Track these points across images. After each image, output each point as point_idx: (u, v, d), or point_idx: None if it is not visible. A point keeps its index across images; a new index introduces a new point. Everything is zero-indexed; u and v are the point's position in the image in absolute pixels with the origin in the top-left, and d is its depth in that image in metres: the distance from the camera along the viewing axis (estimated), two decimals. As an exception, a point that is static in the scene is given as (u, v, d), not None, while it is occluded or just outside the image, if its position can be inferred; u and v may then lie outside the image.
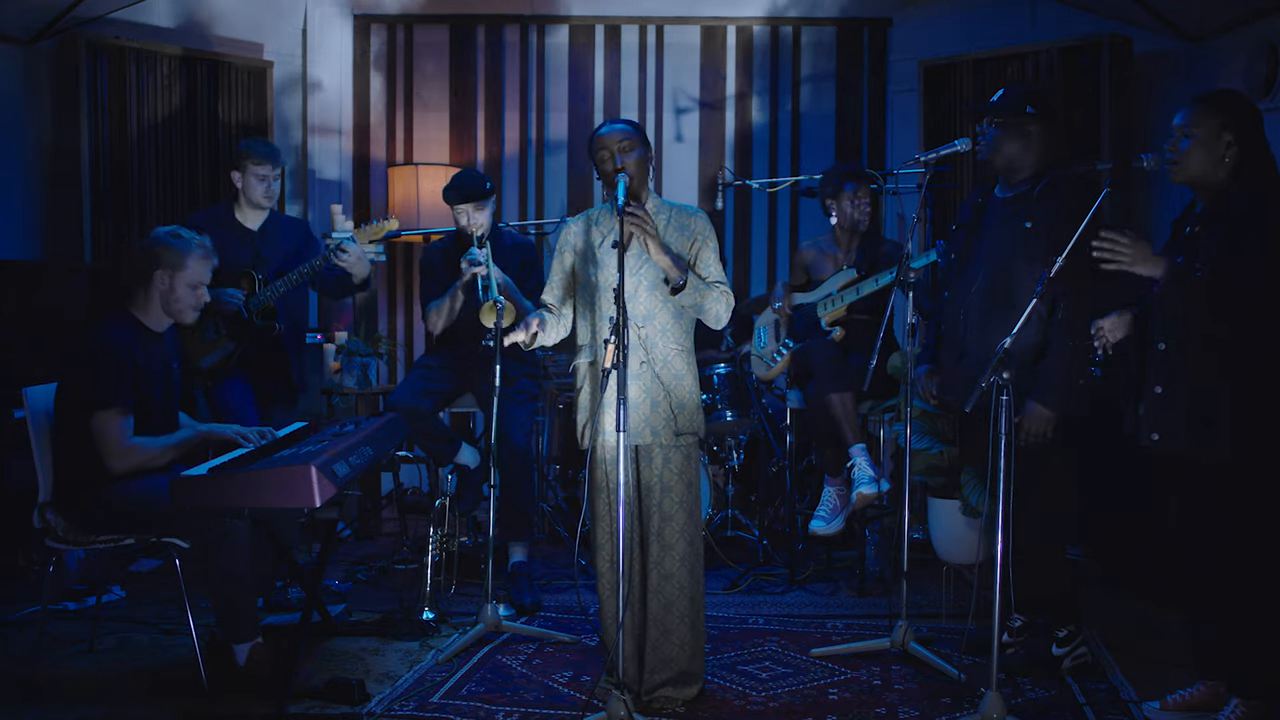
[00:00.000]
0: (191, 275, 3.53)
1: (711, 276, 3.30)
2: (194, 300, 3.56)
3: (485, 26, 6.25)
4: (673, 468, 3.30)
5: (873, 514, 4.55)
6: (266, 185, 4.31)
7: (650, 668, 3.29)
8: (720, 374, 5.01)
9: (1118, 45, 5.21)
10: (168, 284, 3.51)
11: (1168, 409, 3.00)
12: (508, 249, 4.51)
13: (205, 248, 3.58)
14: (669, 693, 3.28)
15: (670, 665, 3.28)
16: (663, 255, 3.16)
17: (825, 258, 4.72)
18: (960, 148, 3.71)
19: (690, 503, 3.31)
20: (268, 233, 4.38)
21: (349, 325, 5.80)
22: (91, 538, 3.45)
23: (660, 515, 3.29)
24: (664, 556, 3.29)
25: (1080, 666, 3.52)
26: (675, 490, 3.30)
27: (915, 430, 3.91)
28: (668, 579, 3.28)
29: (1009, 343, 2.98)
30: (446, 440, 4.61)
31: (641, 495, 3.31)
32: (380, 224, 4.36)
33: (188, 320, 3.60)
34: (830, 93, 6.17)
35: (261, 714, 3.17)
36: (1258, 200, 2.91)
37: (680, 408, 3.29)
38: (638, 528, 3.30)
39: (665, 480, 3.30)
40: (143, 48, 5.42)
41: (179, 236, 3.54)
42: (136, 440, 3.41)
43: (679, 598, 3.29)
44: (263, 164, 4.29)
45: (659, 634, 3.29)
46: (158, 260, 3.50)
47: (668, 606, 3.28)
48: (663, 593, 3.28)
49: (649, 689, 3.29)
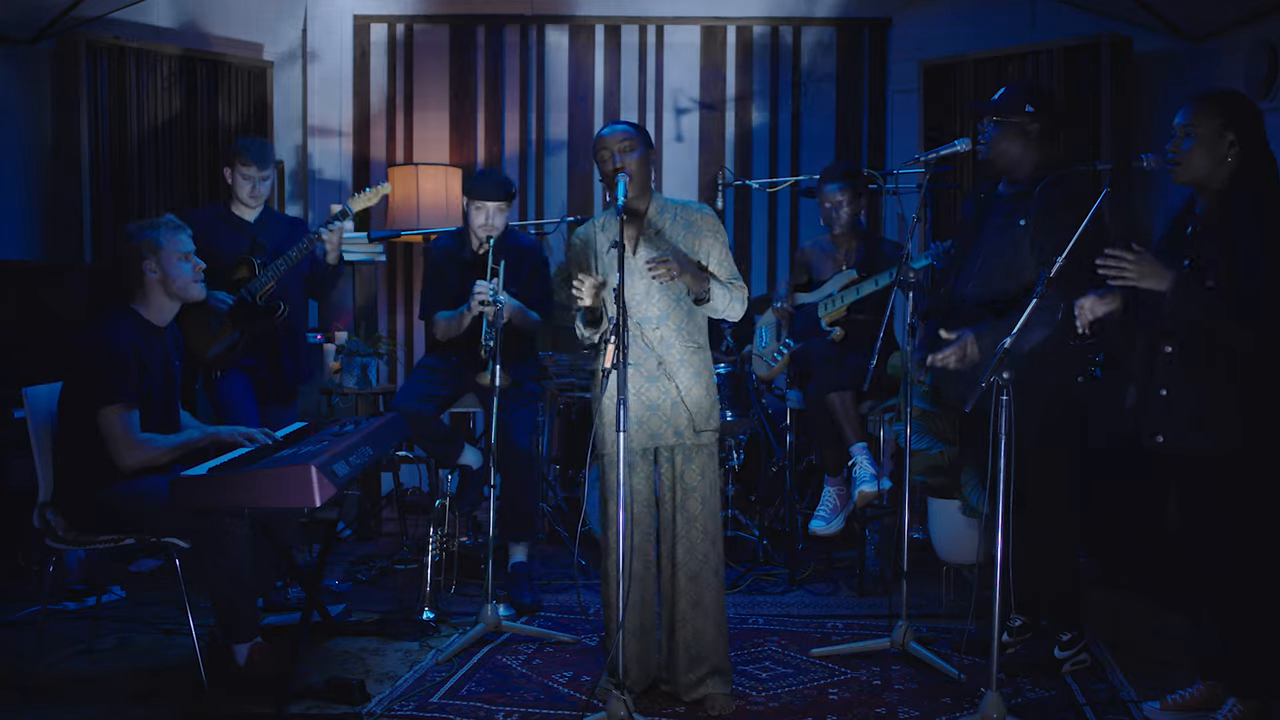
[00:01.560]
0: (173, 248, 3.54)
1: (724, 274, 3.31)
2: (191, 272, 3.57)
3: (485, 26, 6.25)
4: (695, 468, 3.31)
5: (873, 514, 4.55)
6: (253, 185, 4.32)
7: (687, 666, 3.30)
8: (720, 374, 5.00)
9: (1118, 45, 5.21)
10: (157, 268, 3.52)
11: (1173, 412, 3.00)
12: (516, 250, 4.49)
13: (172, 221, 3.60)
14: (712, 689, 3.29)
15: (705, 662, 3.30)
16: (688, 278, 3.17)
17: (826, 258, 4.72)
18: (960, 148, 3.71)
19: (713, 503, 3.33)
20: (263, 223, 4.41)
21: (349, 325, 5.80)
22: (91, 538, 3.45)
23: (685, 516, 3.30)
24: (690, 557, 3.30)
25: (1080, 670, 3.52)
26: (699, 490, 3.31)
27: (915, 430, 3.91)
28: (695, 580, 3.30)
29: (1009, 343, 2.98)
30: (449, 443, 4.60)
31: (663, 496, 3.32)
32: (374, 190, 4.39)
33: (195, 294, 3.60)
34: (830, 93, 6.17)
35: (261, 714, 3.17)
36: (1259, 201, 2.91)
37: (698, 406, 3.29)
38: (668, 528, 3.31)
39: (688, 481, 3.31)
40: (143, 48, 5.42)
41: (143, 225, 3.57)
42: (147, 436, 3.41)
43: (705, 596, 3.30)
44: (250, 165, 4.30)
45: (690, 633, 3.30)
46: (137, 253, 3.51)
47: (695, 605, 3.30)
48: (690, 593, 3.30)
49: (688, 686, 3.29)
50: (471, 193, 4.42)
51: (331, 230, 4.25)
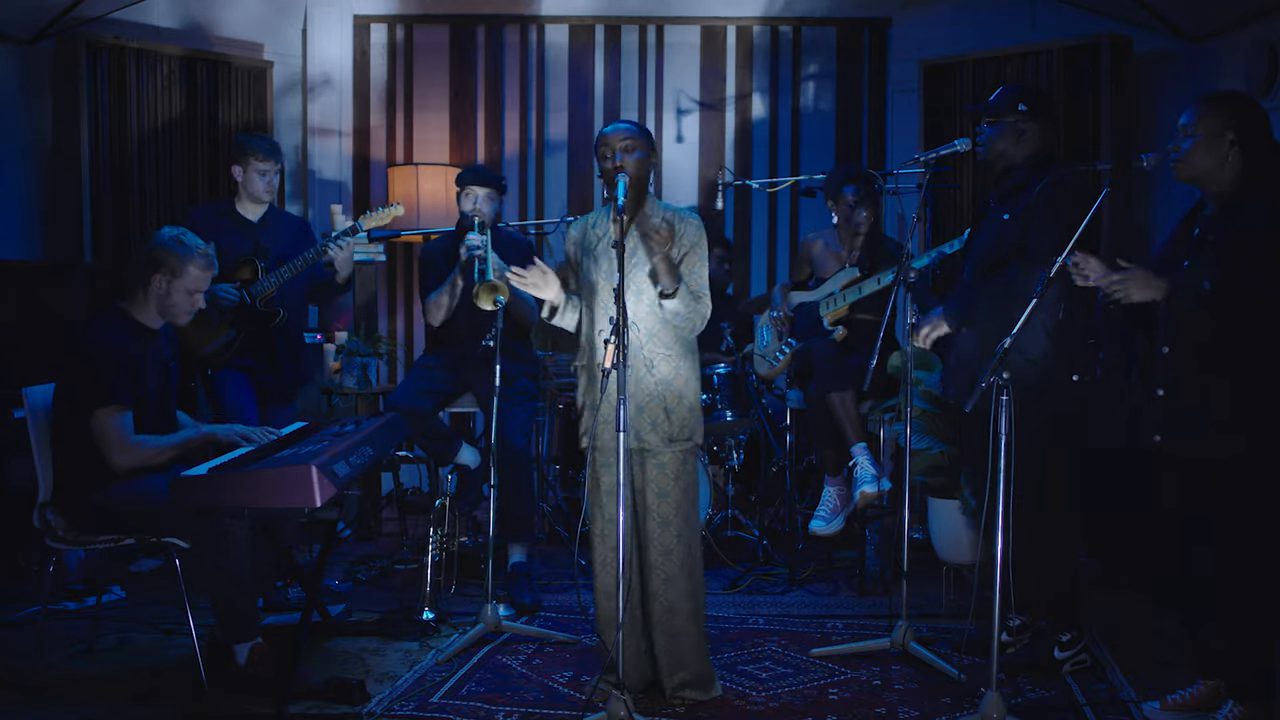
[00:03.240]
0: (190, 282, 3.54)
1: (694, 285, 3.27)
2: (189, 306, 3.57)
3: (485, 26, 6.25)
4: (668, 473, 3.28)
5: (873, 514, 4.55)
6: (268, 180, 4.36)
7: (667, 670, 3.30)
8: (720, 374, 5.02)
9: (1118, 45, 5.21)
10: (164, 288, 3.51)
11: (1171, 411, 3.00)
12: (505, 245, 4.52)
13: (207, 256, 3.58)
14: (692, 694, 3.29)
15: (686, 667, 3.29)
16: (668, 264, 3.15)
17: (829, 254, 4.73)
18: (960, 147, 3.72)
19: (687, 507, 3.30)
20: (268, 224, 4.42)
21: (349, 325, 5.80)
22: (91, 538, 3.45)
23: (658, 519, 3.29)
24: (664, 561, 3.29)
25: (1080, 670, 3.52)
26: (671, 495, 3.29)
27: (915, 430, 3.91)
28: (669, 583, 3.28)
29: (1009, 343, 2.98)
30: (446, 440, 4.61)
31: (637, 499, 3.30)
32: (385, 210, 4.39)
33: (180, 324, 3.63)
34: (830, 92, 6.17)
35: (261, 714, 3.17)
36: (1267, 206, 2.91)
37: (670, 413, 3.27)
38: (641, 531, 3.30)
39: (660, 485, 3.28)
40: (143, 48, 5.42)
41: (182, 243, 3.54)
42: (140, 438, 3.41)
43: (681, 601, 3.29)
44: (265, 160, 4.33)
45: (667, 638, 3.29)
46: (158, 264, 3.50)
47: (671, 610, 3.29)
48: (665, 596, 3.29)
49: (672, 690, 3.29)
50: (460, 180, 4.52)
51: (341, 246, 4.22)
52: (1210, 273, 2.92)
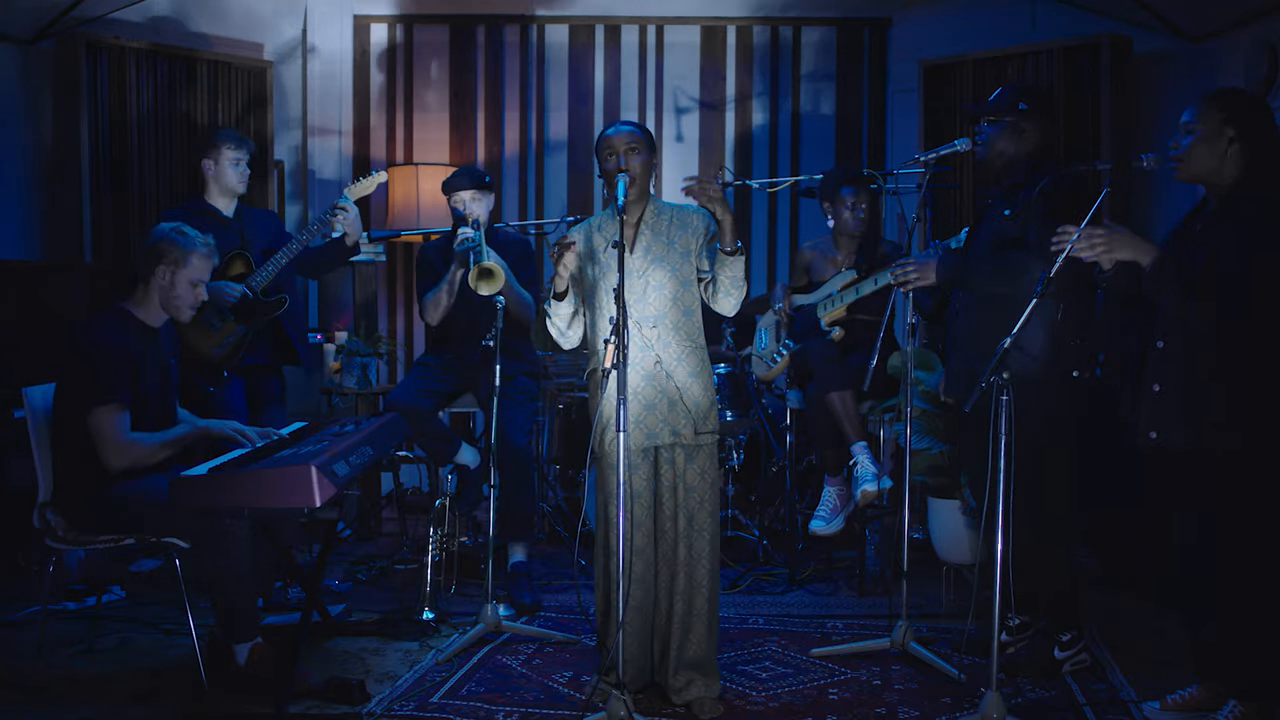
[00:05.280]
0: (193, 272, 3.54)
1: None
2: (191, 298, 3.57)
3: (485, 26, 6.25)
4: (696, 468, 3.30)
5: (873, 514, 4.55)
6: (240, 170, 4.40)
7: (675, 669, 3.30)
8: (720, 374, 5.01)
9: (1118, 45, 5.21)
10: (168, 280, 3.52)
11: (1166, 407, 3.00)
12: (502, 244, 4.52)
13: (209, 246, 3.60)
14: (699, 693, 3.28)
15: (696, 666, 3.30)
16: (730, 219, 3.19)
17: (825, 260, 4.73)
18: (960, 148, 3.72)
19: (712, 503, 3.33)
20: (244, 217, 4.46)
21: (349, 325, 5.80)
22: (91, 538, 3.46)
23: (686, 516, 3.29)
24: (691, 559, 3.30)
25: (1080, 670, 3.52)
26: (699, 490, 3.30)
27: (915, 430, 3.91)
28: (693, 581, 3.30)
29: (1009, 342, 2.98)
30: (446, 440, 4.61)
31: (663, 497, 3.31)
32: (369, 179, 4.49)
33: (184, 318, 3.61)
34: (830, 93, 6.18)
35: (261, 714, 3.17)
36: (1268, 202, 2.91)
37: (696, 405, 3.29)
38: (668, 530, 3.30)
39: (689, 481, 3.30)
40: (143, 47, 5.42)
41: (183, 233, 3.55)
42: (134, 436, 3.41)
43: (699, 598, 3.31)
44: (238, 149, 4.39)
45: (681, 636, 3.30)
46: (161, 256, 3.51)
47: (690, 606, 3.30)
48: (687, 595, 3.30)
49: (677, 689, 3.29)
50: (445, 189, 4.54)
51: (343, 209, 4.33)
52: (1199, 262, 2.92)
